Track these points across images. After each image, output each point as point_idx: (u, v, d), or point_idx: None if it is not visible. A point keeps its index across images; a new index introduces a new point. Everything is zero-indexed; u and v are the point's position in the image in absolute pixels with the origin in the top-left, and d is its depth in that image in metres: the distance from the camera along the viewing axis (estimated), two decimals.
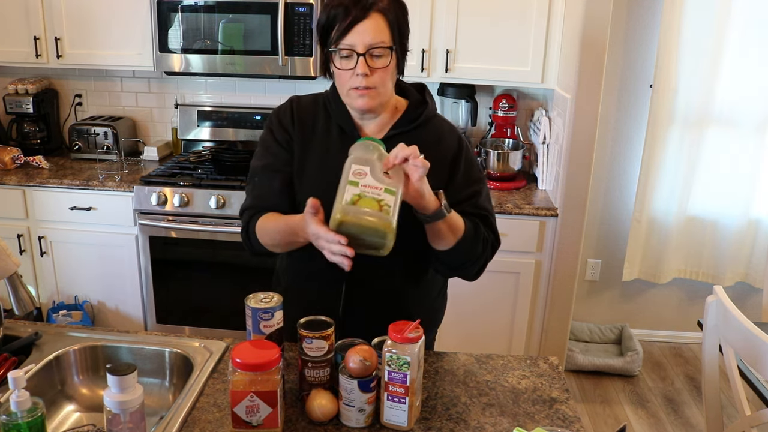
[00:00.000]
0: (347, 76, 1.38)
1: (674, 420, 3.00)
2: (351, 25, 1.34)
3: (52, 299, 3.19)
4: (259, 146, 1.56)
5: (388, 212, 1.19)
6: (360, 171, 1.23)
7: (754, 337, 1.57)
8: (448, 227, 1.37)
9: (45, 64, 3.17)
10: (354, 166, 1.24)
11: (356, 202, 1.20)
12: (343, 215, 1.19)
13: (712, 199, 3.33)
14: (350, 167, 1.25)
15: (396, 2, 1.40)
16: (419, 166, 1.23)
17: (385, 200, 1.20)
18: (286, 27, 2.91)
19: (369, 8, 1.35)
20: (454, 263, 1.49)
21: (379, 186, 1.21)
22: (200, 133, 3.40)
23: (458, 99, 3.22)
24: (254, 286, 1.52)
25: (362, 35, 1.34)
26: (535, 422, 1.32)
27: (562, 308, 2.93)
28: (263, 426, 1.22)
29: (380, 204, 1.19)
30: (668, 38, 3.09)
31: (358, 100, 1.40)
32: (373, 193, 1.20)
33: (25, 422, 1.11)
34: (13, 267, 1.42)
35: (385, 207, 1.19)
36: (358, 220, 1.18)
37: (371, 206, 1.19)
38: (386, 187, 1.22)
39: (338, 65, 1.38)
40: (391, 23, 1.37)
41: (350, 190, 1.21)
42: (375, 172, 1.23)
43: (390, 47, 1.38)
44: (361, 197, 1.20)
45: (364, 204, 1.19)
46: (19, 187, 3.05)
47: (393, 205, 1.20)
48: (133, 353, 1.54)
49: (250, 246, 1.54)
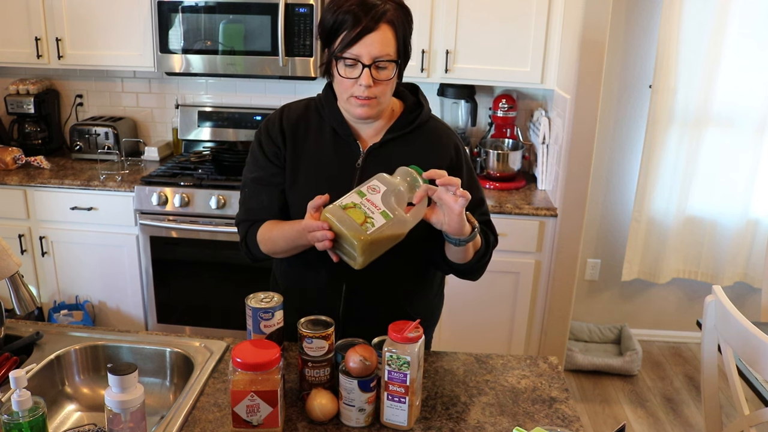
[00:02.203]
0: (349, 84, 1.38)
1: (673, 419, 3.01)
2: (360, 35, 1.33)
3: (53, 299, 3.19)
4: (249, 156, 1.57)
5: (367, 229, 1.23)
6: (376, 187, 1.28)
7: (752, 337, 1.57)
8: (472, 245, 1.40)
9: (46, 64, 3.18)
10: (375, 181, 1.29)
11: (347, 209, 1.25)
12: (330, 213, 1.25)
13: (711, 199, 3.33)
14: (372, 180, 1.29)
15: (403, 10, 1.39)
16: (460, 196, 1.26)
17: (374, 219, 1.24)
18: (287, 27, 2.92)
19: (379, 19, 1.33)
20: (467, 271, 1.51)
21: (379, 207, 1.26)
22: (201, 134, 3.41)
23: (458, 99, 3.22)
24: (254, 286, 1.53)
25: (369, 47, 1.33)
26: (535, 422, 1.32)
27: (562, 308, 2.94)
28: (263, 425, 1.22)
29: (366, 219, 1.24)
30: (667, 39, 3.09)
31: (358, 109, 1.40)
32: (369, 209, 1.25)
33: (27, 421, 1.11)
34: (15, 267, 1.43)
35: (369, 223, 1.24)
36: (338, 221, 1.24)
37: (357, 217, 1.24)
38: (385, 210, 1.26)
39: (342, 73, 1.38)
40: (398, 35, 1.37)
41: (351, 196, 1.27)
42: (388, 196, 1.27)
43: (395, 60, 1.38)
44: (355, 207, 1.25)
45: (352, 213, 1.25)
46: (20, 187, 3.05)
47: (378, 226, 1.24)
48: (133, 353, 1.55)
49: (251, 255, 1.57)
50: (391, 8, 1.35)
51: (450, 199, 1.26)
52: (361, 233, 1.23)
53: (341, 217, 1.24)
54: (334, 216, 1.24)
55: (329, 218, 1.25)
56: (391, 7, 1.35)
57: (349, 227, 1.23)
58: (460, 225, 1.30)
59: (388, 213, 1.25)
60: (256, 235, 1.52)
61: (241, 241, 1.58)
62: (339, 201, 1.27)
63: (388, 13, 1.35)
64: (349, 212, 1.24)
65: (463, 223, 1.30)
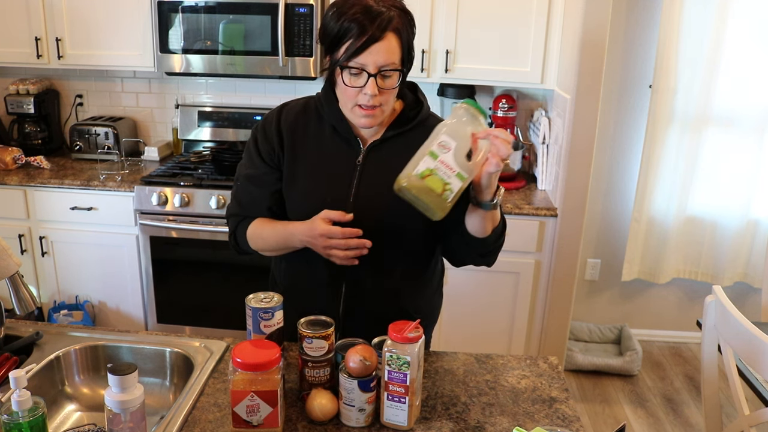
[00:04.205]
0: (354, 93, 1.37)
1: (673, 419, 3.01)
2: (366, 45, 1.31)
3: (53, 299, 3.19)
4: (245, 151, 1.58)
5: (447, 197, 1.25)
6: (446, 144, 1.26)
7: (753, 337, 1.57)
8: (491, 216, 1.40)
9: (46, 64, 3.18)
10: (443, 136, 1.27)
11: (425, 177, 1.24)
12: (408, 183, 1.25)
13: (712, 199, 3.33)
14: (440, 135, 1.27)
15: (407, 15, 1.38)
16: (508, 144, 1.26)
17: (451, 184, 1.25)
18: (287, 28, 2.92)
19: (385, 28, 1.31)
20: (484, 250, 1.51)
21: (454, 168, 1.25)
22: (201, 134, 3.41)
23: (458, 99, 3.22)
24: (254, 285, 1.53)
25: (375, 56, 1.32)
26: (535, 422, 1.32)
27: (562, 308, 2.94)
28: (263, 425, 1.22)
29: (445, 186, 1.25)
30: (667, 38, 3.09)
31: (362, 119, 1.40)
32: (445, 173, 1.25)
33: (27, 422, 1.11)
34: (15, 267, 1.43)
35: (447, 191, 1.25)
36: (418, 193, 1.25)
37: (436, 186, 1.24)
38: (459, 171, 1.26)
39: (347, 82, 1.36)
40: (403, 43, 1.36)
41: (426, 161, 1.25)
42: (459, 149, 1.26)
43: (400, 69, 1.37)
44: (432, 173, 1.25)
45: (431, 182, 1.24)
46: (20, 187, 3.05)
47: (456, 191, 1.26)
48: (133, 353, 1.55)
49: (238, 248, 1.60)
50: (395, 15, 1.34)
51: (502, 144, 1.26)
52: (443, 203, 1.25)
53: (420, 188, 1.24)
54: (414, 188, 1.24)
55: (409, 189, 1.25)
56: (395, 14, 1.34)
57: (431, 198, 1.24)
58: (492, 179, 1.31)
59: (463, 174, 1.26)
60: (246, 230, 1.54)
61: (230, 234, 1.60)
62: (412, 167, 1.25)
63: (394, 20, 1.33)
64: (427, 181, 1.24)
65: (492, 180, 1.31)
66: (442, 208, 1.26)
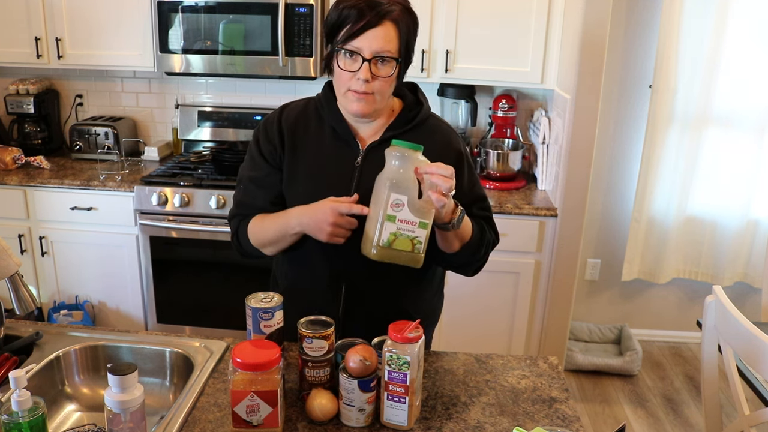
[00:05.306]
0: (348, 77, 1.38)
1: (673, 419, 3.01)
2: (363, 29, 1.34)
3: (53, 299, 3.19)
4: (247, 153, 1.58)
5: (419, 250, 1.30)
6: (398, 202, 1.29)
7: (753, 337, 1.57)
8: (454, 235, 1.41)
9: (46, 64, 3.18)
10: (393, 195, 1.29)
11: (392, 242, 1.29)
12: (379, 253, 1.30)
13: (712, 199, 3.33)
14: (389, 196, 1.29)
15: (409, 14, 1.40)
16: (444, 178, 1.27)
17: (418, 236, 1.29)
18: (287, 27, 2.92)
19: (383, 16, 1.34)
20: (456, 264, 1.53)
21: (414, 221, 1.29)
22: (201, 134, 3.41)
23: (458, 99, 3.22)
24: (254, 285, 1.53)
25: (371, 41, 1.34)
26: (535, 422, 1.32)
27: (562, 308, 2.94)
28: (263, 425, 1.22)
29: (413, 242, 1.29)
30: (667, 38, 3.09)
31: (354, 104, 1.41)
32: (408, 230, 1.29)
33: (26, 422, 1.11)
34: (14, 267, 1.43)
35: (417, 244, 1.30)
36: (391, 259, 1.31)
37: (405, 246, 1.29)
38: (420, 220, 1.29)
39: (342, 65, 1.38)
40: (401, 35, 1.37)
41: (387, 227, 1.29)
42: (411, 199, 1.29)
43: (396, 58, 1.38)
44: (396, 237, 1.29)
45: (399, 245, 1.29)
46: (20, 187, 3.05)
47: (424, 240, 1.30)
48: (133, 353, 1.55)
49: (240, 248, 1.58)
50: (397, 9, 1.37)
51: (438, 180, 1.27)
52: (416, 256, 1.30)
53: (392, 255, 1.30)
54: (385, 257, 1.30)
55: (383, 257, 1.30)
56: (397, 8, 1.37)
57: (405, 257, 1.30)
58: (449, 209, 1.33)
59: (424, 221, 1.29)
60: (247, 227, 1.53)
61: (232, 235, 1.59)
62: (377, 235, 1.29)
63: (394, 12, 1.36)
64: (395, 246, 1.29)
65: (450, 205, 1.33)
66: (417, 260, 1.31)
